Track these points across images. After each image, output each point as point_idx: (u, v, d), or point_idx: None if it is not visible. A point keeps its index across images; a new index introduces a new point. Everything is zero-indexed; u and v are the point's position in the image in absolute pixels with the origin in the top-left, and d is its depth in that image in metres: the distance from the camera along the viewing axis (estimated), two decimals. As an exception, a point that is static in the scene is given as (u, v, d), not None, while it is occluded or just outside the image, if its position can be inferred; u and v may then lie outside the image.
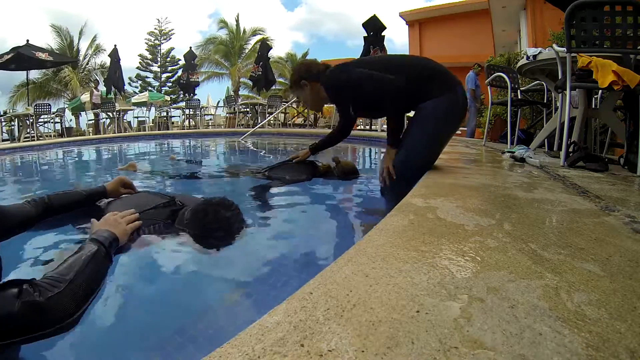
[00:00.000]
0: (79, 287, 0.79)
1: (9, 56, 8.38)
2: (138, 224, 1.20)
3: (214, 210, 1.26)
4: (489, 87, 3.86)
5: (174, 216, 1.36)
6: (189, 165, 3.67)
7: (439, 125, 1.77)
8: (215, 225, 1.25)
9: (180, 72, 13.43)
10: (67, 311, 0.75)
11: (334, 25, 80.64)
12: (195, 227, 1.26)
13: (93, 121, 10.06)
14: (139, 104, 12.27)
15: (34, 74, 14.75)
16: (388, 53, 7.60)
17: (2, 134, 8.59)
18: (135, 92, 18.81)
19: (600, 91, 2.64)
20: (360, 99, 1.90)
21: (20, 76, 13.56)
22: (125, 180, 1.59)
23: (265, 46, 10.37)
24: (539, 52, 2.71)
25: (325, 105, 2.37)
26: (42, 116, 8.14)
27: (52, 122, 8.57)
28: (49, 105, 8.45)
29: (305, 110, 9.81)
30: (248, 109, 10.50)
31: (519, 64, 3.01)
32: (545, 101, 3.57)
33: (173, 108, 11.65)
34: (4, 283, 0.70)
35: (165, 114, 10.83)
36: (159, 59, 22.43)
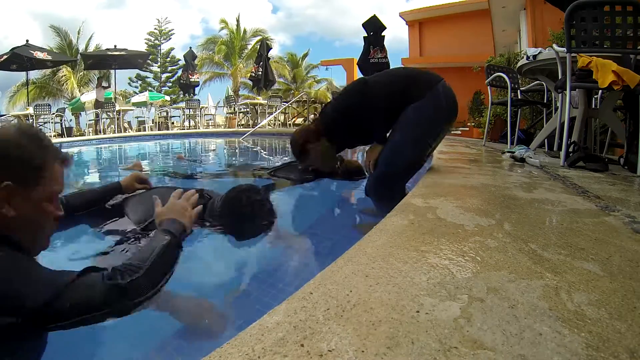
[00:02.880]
0: (155, 273, 0.81)
1: (7, 56, 8.38)
2: (200, 208, 1.16)
3: (246, 195, 1.30)
4: (489, 87, 3.86)
5: (203, 208, 1.37)
6: (193, 165, 3.67)
7: (421, 127, 1.69)
8: (249, 208, 1.28)
9: (180, 72, 13.40)
10: (144, 295, 0.76)
11: (317, 27, 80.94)
12: (230, 213, 1.28)
13: (93, 121, 10.04)
14: (138, 104, 12.25)
15: (34, 74, 14.71)
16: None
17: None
18: (135, 92, 18.76)
19: (600, 91, 2.64)
20: (353, 130, 1.81)
21: (20, 76, 13.52)
22: (140, 175, 1.59)
23: (265, 46, 10.38)
24: (539, 52, 2.71)
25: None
26: (42, 116, 8.12)
27: (52, 122, 8.55)
28: (49, 105, 8.43)
29: (305, 110, 9.81)
30: (248, 109, 10.50)
31: (519, 64, 3.00)
32: (545, 101, 3.57)
33: (173, 108, 11.63)
34: (83, 270, 0.73)
35: (165, 114, 10.82)
36: (159, 59, 22.41)
